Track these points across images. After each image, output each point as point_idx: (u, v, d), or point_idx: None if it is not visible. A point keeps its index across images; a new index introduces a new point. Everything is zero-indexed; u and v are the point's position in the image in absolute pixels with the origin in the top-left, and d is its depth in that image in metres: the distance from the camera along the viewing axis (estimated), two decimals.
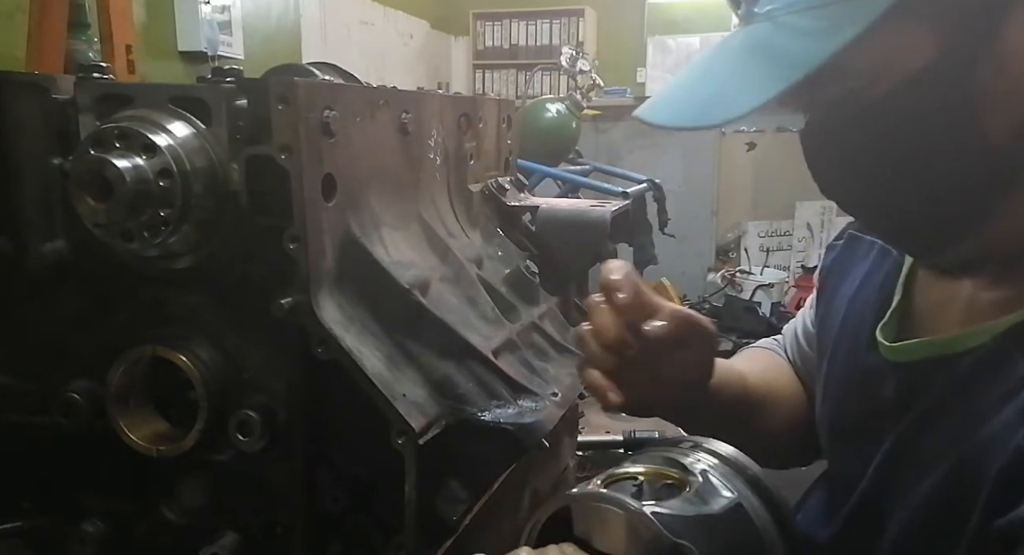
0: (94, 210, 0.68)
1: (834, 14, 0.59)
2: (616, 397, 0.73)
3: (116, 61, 2.03)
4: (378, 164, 0.84)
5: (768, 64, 0.61)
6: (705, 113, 0.63)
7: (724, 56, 0.65)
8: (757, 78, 0.61)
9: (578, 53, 3.79)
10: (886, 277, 0.80)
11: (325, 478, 0.77)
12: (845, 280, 0.86)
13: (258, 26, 3.91)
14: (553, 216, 1.12)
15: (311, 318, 0.71)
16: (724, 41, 0.67)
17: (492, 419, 0.77)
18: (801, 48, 0.59)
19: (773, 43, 0.61)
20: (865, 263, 0.84)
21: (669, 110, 0.67)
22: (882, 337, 0.76)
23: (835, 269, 0.89)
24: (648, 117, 0.67)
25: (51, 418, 0.75)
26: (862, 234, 0.87)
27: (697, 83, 0.66)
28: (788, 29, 0.61)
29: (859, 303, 0.82)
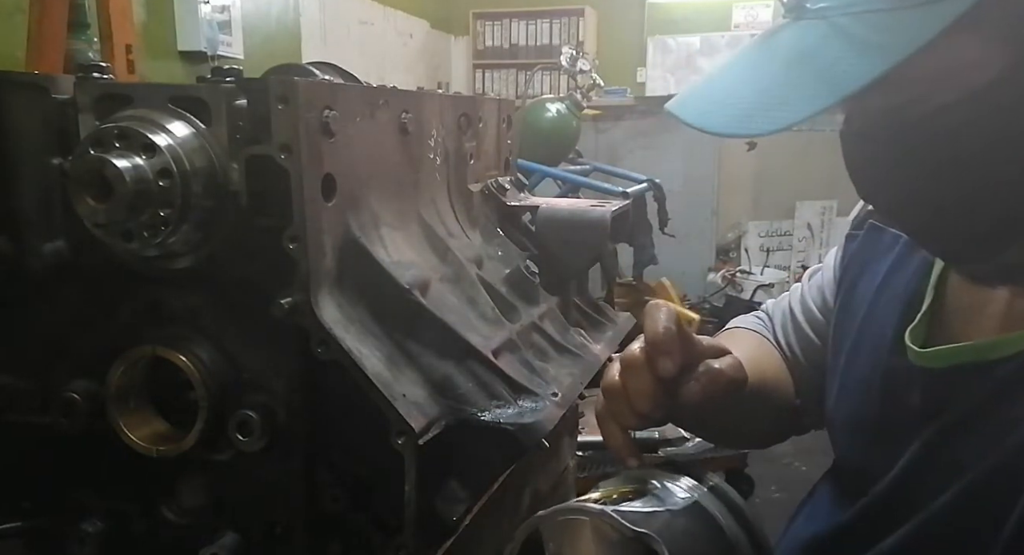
0: (94, 210, 0.68)
1: (894, 22, 0.55)
2: (635, 461, 0.70)
3: (116, 61, 2.03)
4: (378, 164, 0.84)
5: (819, 73, 0.57)
6: (748, 121, 0.59)
7: (771, 56, 0.61)
8: (806, 87, 0.57)
9: (578, 53, 3.79)
10: (913, 276, 0.78)
11: (325, 478, 0.77)
12: (866, 273, 0.84)
13: (258, 26, 3.91)
14: (553, 216, 1.12)
15: (311, 318, 0.71)
16: (771, 36, 0.62)
17: (492, 419, 0.77)
18: (856, 59, 0.55)
19: (826, 49, 0.57)
20: (889, 257, 0.82)
21: (708, 111, 0.62)
22: (911, 341, 0.73)
23: (856, 260, 0.87)
24: (686, 116, 0.63)
25: (51, 418, 0.75)
26: (885, 225, 0.84)
27: (741, 84, 0.61)
28: (843, 34, 0.56)
29: (883, 300, 0.80)
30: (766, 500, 2.80)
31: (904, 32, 0.54)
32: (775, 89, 0.58)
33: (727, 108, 0.60)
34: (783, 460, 2.99)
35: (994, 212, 0.63)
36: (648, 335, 0.68)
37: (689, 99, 0.65)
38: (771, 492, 2.82)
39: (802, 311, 0.94)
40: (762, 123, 0.58)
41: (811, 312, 0.93)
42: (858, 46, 0.56)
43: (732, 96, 0.61)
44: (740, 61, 0.64)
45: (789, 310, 0.96)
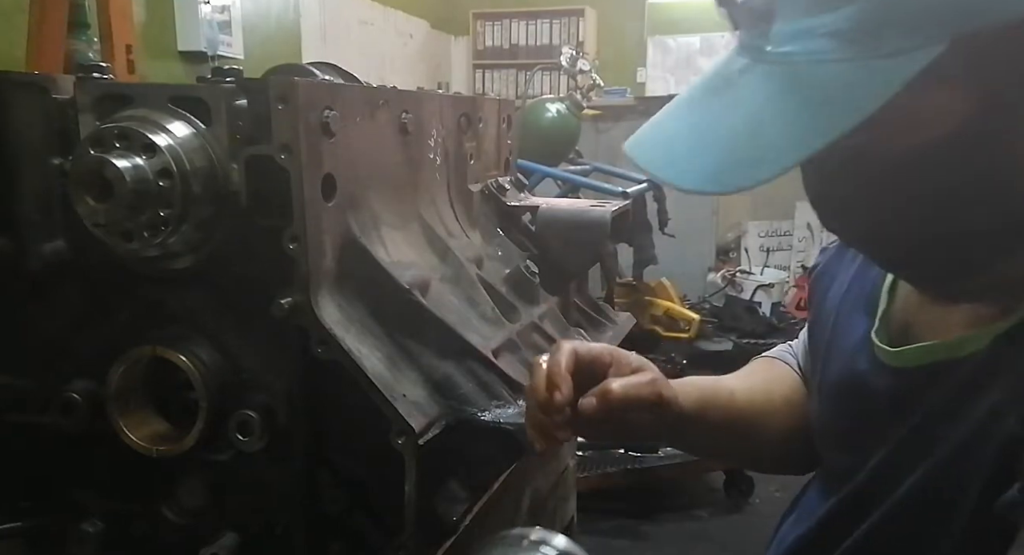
0: (94, 210, 0.68)
1: (859, 73, 0.54)
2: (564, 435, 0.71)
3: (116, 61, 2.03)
4: (378, 164, 0.84)
5: (786, 128, 0.56)
6: (719, 178, 0.58)
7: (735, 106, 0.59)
8: (775, 143, 0.56)
9: (578, 53, 3.79)
10: (872, 282, 0.79)
11: (325, 478, 0.77)
12: (833, 283, 0.86)
13: (258, 26, 3.91)
14: (553, 216, 1.12)
15: (311, 318, 0.71)
16: (730, 84, 0.60)
17: (492, 419, 0.77)
18: (824, 113, 0.55)
19: (792, 102, 0.56)
20: (853, 266, 0.83)
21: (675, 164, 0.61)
22: (877, 340, 0.75)
23: (825, 272, 0.88)
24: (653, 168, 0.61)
25: (51, 418, 0.75)
26: None
27: (707, 136, 0.60)
28: (808, 84, 0.56)
29: (848, 307, 0.82)
30: (766, 500, 2.80)
31: (870, 84, 0.54)
32: (743, 145, 0.58)
33: (695, 162, 0.60)
34: None
35: (956, 249, 0.63)
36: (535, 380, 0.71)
37: (651, 146, 0.64)
38: (771, 492, 2.82)
39: (806, 331, 0.96)
40: (734, 180, 0.57)
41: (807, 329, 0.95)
42: (824, 99, 0.55)
43: (699, 149, 0.60)
44: (701, 107, 0.63)
45: (803, 333, 0.97)
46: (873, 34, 0.53)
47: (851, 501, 0.74)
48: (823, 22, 0.54)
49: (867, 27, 0.53)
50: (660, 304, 3.94)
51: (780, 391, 0.92)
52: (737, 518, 2.77)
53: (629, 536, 2.62)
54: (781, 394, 0.92)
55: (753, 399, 0.88)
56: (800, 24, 0.56)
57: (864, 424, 0.74)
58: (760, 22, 0.58)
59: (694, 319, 3.95)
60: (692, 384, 0.82)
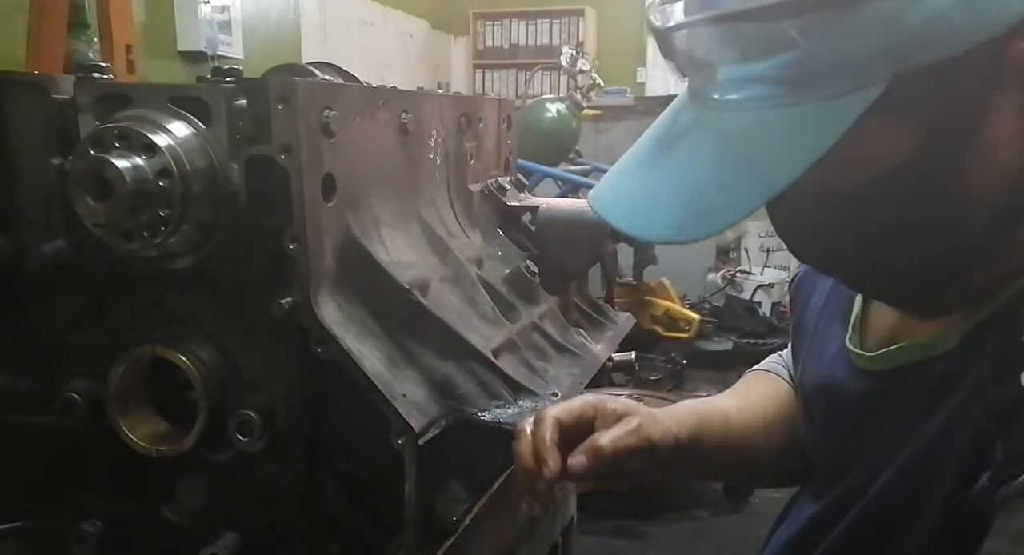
0: (94, 210, 0.68)
1: (809, 115, 0.55)
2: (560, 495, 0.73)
3: (116, 61, 2.03)
4: (378, 164, 0.84)
5: (745, 174, 0.58)
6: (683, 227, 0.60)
7: (691, 155, 0.61)
8: (735, 190, 0.58)
9: (578, 53, 3.79)
10: (849, 292, 0.80)
11: (325, 478, 0.77)
12: (814, 293, 0.87)
13: (258, 26, 3.91)
14: (553, 216, 1.12)
15: (311, 318, 0.71)
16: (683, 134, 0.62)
17: (492, 419, 0.77)
18: (778, 158, 0.56)
19: (746, 149, 0.58)
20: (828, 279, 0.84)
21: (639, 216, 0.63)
22: (851, 345, 0.76)
23: (805, 282, 0.89)
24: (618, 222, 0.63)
25: (51, 418, 0.75)
26: None
27: (667, 188, 0.61)
28: (759, 130, 0.57)
29: (826, 318, 0.83)
30: (766, 500, 2.80)
31: (817, 127, 0.55)
32: (704, 195, 0.59)
33: (659, 214, 0.61)
34: None
35: (914, 271, 0.65)
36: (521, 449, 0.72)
37: (613, 199, 0.66)
38: (771, 492, 2.82)
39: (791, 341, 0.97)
40: (697, 229, 0.59)
41: None
42: (773, 145, 0.56)
43: (661, 200, 0.61)
44: (658, 157, 0.64)
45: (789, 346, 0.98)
46: (816, 78, 0.54)
47: (836, 501, 0.75)
48: (766, 67, 0.56)
49: (810, 71, 0.54)
50: (660, 304, 3.93)
51: (774, 407, 0.92)
52: (737, 518, 2.77)
53: (629, 536, 2.62)
54: (775, 410, 0.92)
55: (747, 419, 0.88)
56: (743, 70, 0.57)
57: (846, 429, 0.75)
58: (704, 70, 0.59)
59: (694, 319, 3.95)
60: (686, 410, 0.83)
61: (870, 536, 0.70)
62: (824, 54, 0.54)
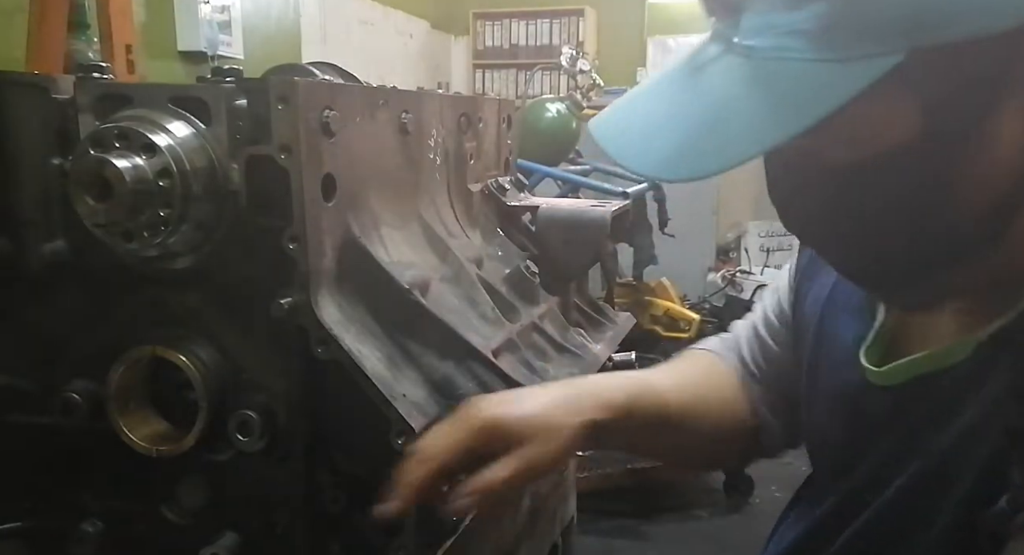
0: (94, 210, 0.68)
1: (817, 74, 0.54)
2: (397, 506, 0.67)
3: (116, 61, 2.03)
4: (378, 164, 0.84)
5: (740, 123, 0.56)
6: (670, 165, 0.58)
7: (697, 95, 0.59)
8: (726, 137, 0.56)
9: (578, 53, 3.78)
10: (860, 291, 0.77)
11: (325, 478, 0.77)
12: (814, 284, 0.85)
13: (258, 26, 3.91)
14: (553, 216, 1.12)
15: (311, 318, 0.71)
16: (699, 69, 0.60)
17: None
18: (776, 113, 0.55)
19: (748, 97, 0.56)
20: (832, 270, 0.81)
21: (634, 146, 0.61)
22: (866, 360, 0.73)
23: (807, 272, 0.87)
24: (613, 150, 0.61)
25: (51, 418, 0.75)
26: None
27: (667, 122, 0.60)
28: (766, 81, 0.56)
29: (832, 316, 0.80)
30: (766, 500, 2.81)
31: (826, 87, 0.54)
32: (701, 135, 0.57)
33: (652, 149, 0.59)
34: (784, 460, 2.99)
35: (905, 259, 0.63)
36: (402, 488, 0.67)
37: (614, 127, 0.64)
38: (771, 492, 2.82)
39: (764, 324, 0.94)
40: (682, 170, 0.57)
41: (772, 324, 0.93)
42: (779, 97, 0.55)
43: (658, 135, 0.60)
44: (669, 89, 0.62)
45: (752, 326, 0.95)
46: (836, 37, 0.53)
47: (843, 504, 0.74)
48: (790, 19, 0.55)
49: (831, 29, 0.53)
50: (660, 304, 3.93)
51: (713, 390, 0.89)
52: (737, 518, 2.77)
53: (629, 536, 2.62)
54: (714, 393, 0.89)
55: (683, 399, 0.85)
56: (768, 19, 0.56)
57: (855, 436, 0.74)
58: (731, 12, 0.58)
59: (694, 319, 3.95)
60: (619, 384, 0.79)
61: (877, 545, 0.69)
62: (848, 16, 0.53)
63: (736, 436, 0.89)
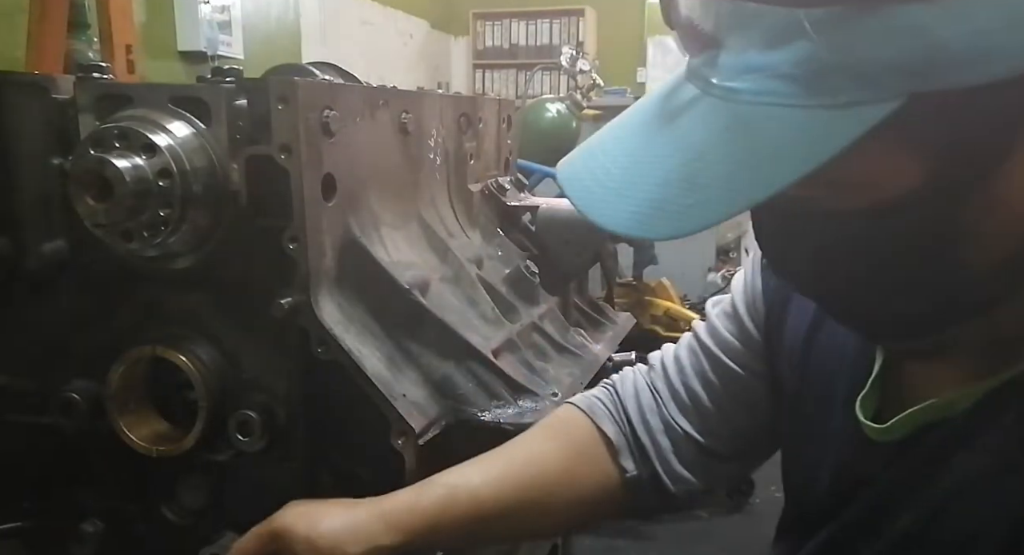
0: (94, 210, 0.68)
1: (807, 122, 0.49)
2: None
3: (116, 61, 2.03)
4: (378, 164, 0.84)
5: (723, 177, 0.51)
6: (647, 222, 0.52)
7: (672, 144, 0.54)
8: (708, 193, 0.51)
9: (578, 53, 3.78)
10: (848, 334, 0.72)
11: (325, 478, 0.77)
12: (790, 312, 0.79)
13: (258, 26, 3.91)
14: (553, 216, 1.12)
15: (311, 318, 0.71)
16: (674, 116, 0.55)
17: (492, 419, 0.77)
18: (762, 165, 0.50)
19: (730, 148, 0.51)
20: None
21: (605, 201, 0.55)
22: (862, 413, 0.68)
23: (779, 297, 0.80)
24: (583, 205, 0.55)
25: (51, 418, 0.75)
26: None
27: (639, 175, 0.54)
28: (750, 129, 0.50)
29: (820, 347, 0.75)
30: (766, 500, 2.80)
31: (815, 137, 0.49)
32: (673, 191, 0.52)
33: (625, 202, 0.54)
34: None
35: (897, 312, 0.60)
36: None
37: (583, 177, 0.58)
38: (772, 492, 2.82)
39: (715, 343, 0.87)
40: (662, 228, 0.52)
41: (727, 343, 0.86)
42: (762, 148, 0.50)
43: (629, 189, 0.54)
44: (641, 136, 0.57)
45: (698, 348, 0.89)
46: (824, 81, 0.48)
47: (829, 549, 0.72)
48: (774, 61, 0.49)
49: (818, 73, 0.48)
50: (660, 304, 3.93)
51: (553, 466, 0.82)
52: (737, 518, 2.77)
53: (629, 536, 2.62)
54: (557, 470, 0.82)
55: (507, 492, 0.78)
56: (750, 59, 0.50)
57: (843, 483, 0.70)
58: (708, 49, 0.53)
59: (694, 319, 3.93)
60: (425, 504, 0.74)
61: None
62: (838, 56, 0.48)
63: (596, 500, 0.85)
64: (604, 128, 0.61)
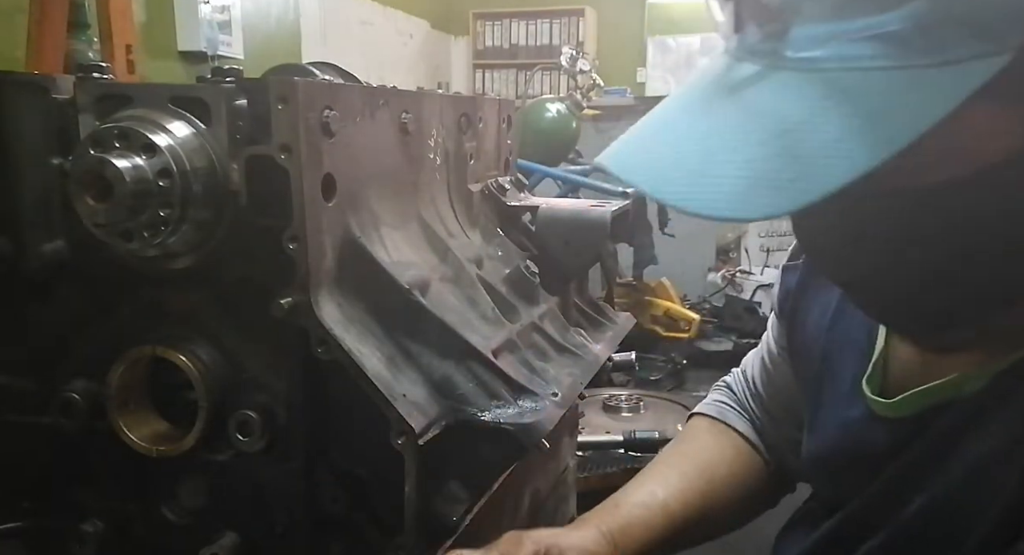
0: (94, 210, 0.68)
1: (908, 84, 0.46)
2: None
3: (116, 61, 2.03)
4: (378, 164, 0.84)
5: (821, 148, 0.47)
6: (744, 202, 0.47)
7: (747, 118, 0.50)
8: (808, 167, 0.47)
9: (578, 53, 3.79)
10: (864, 319, 0.72)
11: (325, 478, 0.77)
12: (813, 307, 0.79)
13: (258, 26, 3.91)
14: (553, 216, 1.12)
15: (311, 318, 0.71)
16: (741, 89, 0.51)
17: (492, 419, 0.77)
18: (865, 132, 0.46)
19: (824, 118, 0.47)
20: (833, 290, 0.76)
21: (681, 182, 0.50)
22: (868, 390, 0.70)
23: (800, 294, 0.82)
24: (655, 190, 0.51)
25: (51, 418, 0.75)
26: None
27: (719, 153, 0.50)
28: (843, 96, 0.47)
29: (837, 341, 0.76)
30: None
31: (928, 95, 0.46)
32: (766, 166, 0.48)
33: (711, 184, 0.49)
34: None
35: (948, 300, 0.58)
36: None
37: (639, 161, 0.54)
38: None
39: (767, 351, 0.89)
40: (762, 207, 0.48)
41: (772, 351, 0.89)
42: (867, 113, 0.47)
43: (708, 169, 0.50)
44: (700, 117, 0.53)
45: (762, 357, 0.91)
46: (933, 38, 0.46)
47: (843, 531, 0.72)
48: (862, 25, 0.47)
49: (928, 29, 0.46)
50: (660, 304, 3.93)
51: (722, 472, 0.85)
52: None
53: None
54: (724, 475, 0.85)
55: (692, 504, 0.81)
56: (832, 26, 0.48)
57: (857, 465, 0.71)
58: (775, 22, 0.50)
59: (694, 319, 3.95)
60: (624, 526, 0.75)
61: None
62: (950, 10, 0.45)
63: (760, 487, 0.87)
64: (643, 121, 0.58)
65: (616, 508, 0.77)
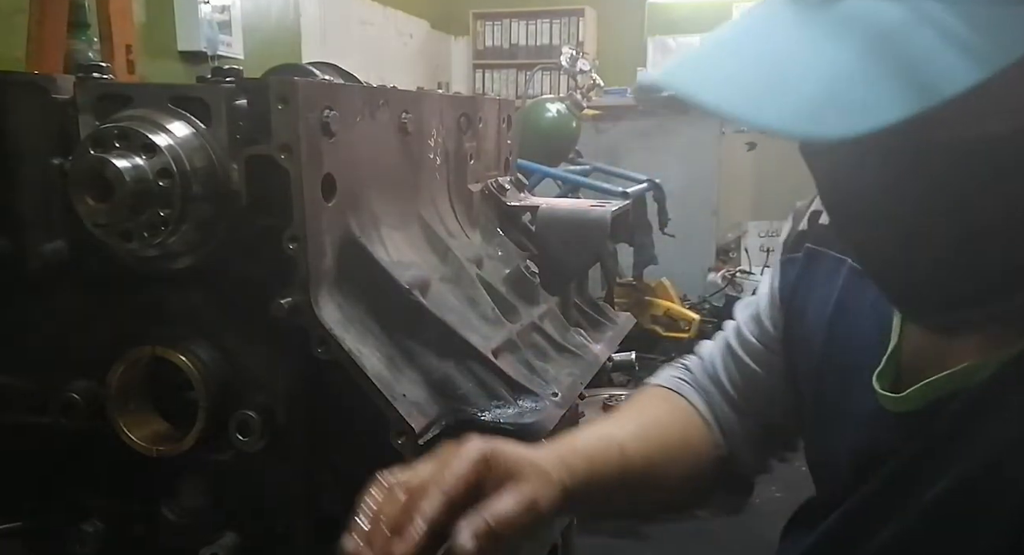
0: (94, 210, 0.68)
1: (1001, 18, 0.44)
2: None
3: (116, 61, 2.03)
4: (378, 164, 0.84)
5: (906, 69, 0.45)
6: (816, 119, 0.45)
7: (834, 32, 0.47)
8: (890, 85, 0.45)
9: (578, 53, 3.79)
10: (873, 308, 0.71)
11: (325, 478, 0.77)
12: (812, 299, 0.78)
13: (258, 26, 3.91)
14: (553, 216, 1.12)
15: (311, 318, 0.71)
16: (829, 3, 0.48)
17: (492, 419, 0.77)
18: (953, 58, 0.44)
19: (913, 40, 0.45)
20: (834, 284, 0.75)
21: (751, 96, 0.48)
22: (879, 385, 0.69)
23: (800, 286, 0.80)
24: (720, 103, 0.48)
25: (51, 418, 0.75)
26: (823, 249, 0.78)
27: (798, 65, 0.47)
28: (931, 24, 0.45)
29: (841, 333, 0.75)
30: (767, 500, 2.80)
31: (1012, 32, 0.44)
32: (849, 83, 0.46)
33: (785, 98, 0.47)
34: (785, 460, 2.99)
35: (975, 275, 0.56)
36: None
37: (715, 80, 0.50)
38: (772, 492, 2.82)
39: (740, 344, 0.88)
40: (836, 125, 0.45)
41: (750, 344, 0.87)
42: (953, 42, 0.45)
43: (787, 79, 0.47)
44: (782, 32, 0.49)
45: (726, 346, 0.90)
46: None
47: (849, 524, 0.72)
48: None
49: None
50: (660, 304, 3.93)
51: (675, 434, 0.84)
52: (737, 518, 2.77)
53: (629, 536, 2.62)
54: (677, 438, 0.84)
55: (646, 452, 0.79)
56: None
57: (863, 459, 0.71)
58: None
59: (694, 319, 3.95)
60: (576, 452, 0.71)
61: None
62: None
63: (702, 474, 0.86)
64: (715, 32, 0.54)
65: (572, 438, 0.74)
